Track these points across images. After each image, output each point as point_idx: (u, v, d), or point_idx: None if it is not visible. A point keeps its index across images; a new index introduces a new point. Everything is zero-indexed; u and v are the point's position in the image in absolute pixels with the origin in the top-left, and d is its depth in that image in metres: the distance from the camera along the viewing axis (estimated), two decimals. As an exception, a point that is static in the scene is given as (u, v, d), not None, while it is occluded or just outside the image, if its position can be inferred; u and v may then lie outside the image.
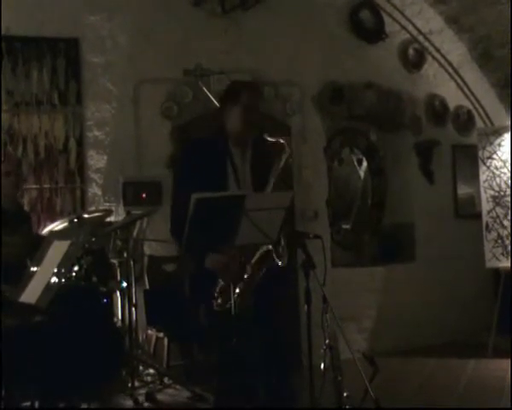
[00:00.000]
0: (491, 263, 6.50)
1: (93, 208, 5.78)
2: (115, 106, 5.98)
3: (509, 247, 6.35)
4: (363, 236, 7.29)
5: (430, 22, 7.20)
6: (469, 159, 7.09)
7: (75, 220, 5.05)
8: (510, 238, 6.36)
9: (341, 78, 6.73)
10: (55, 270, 3.85)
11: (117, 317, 5.41)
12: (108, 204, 5.87)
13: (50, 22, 5.77)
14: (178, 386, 5.35)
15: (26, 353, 4.09)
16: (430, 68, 7.28)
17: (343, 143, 7.23)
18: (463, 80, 7.41)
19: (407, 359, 6.38)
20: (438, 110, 7.27)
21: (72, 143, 5.83)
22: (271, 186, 3.61)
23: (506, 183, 6.43)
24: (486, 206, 6.53)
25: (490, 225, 6.49)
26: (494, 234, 6.47)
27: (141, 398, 5.05)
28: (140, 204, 5.81)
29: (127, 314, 5.22)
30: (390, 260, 7.08)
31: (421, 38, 7.19)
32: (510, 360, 5.65)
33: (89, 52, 5.91)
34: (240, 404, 3.63)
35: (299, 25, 6.57)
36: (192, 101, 6.14)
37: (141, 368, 5.56)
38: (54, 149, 5.77)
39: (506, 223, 6.40)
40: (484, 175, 6.57)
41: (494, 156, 6.54)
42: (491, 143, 6.57)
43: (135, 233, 5.65)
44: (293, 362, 4.18)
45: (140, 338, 5.79)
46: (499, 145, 6.53)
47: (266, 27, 6.43)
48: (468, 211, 7.26)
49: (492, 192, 6.52)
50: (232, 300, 3.46)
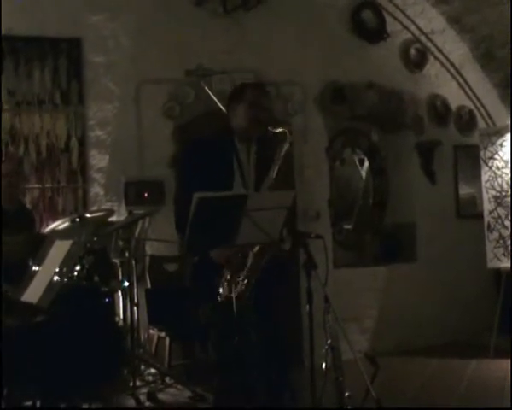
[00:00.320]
0: (492, 263, 6.49)
1: (95, 208, 5.78)
2: (117, 106, 5.98)
3: (511, 247, 6.34)
4: (364, 236, 7.29)
5: (432, 22, 7.19)
6: (471, 159, 7.10)
7: (77, 220, 5.05)
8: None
9: (343, 78, 6.73)
10: (57, 269, 3.85)
11: (118, 316, 5.40)
12: (110, 204, 5.87)
13: (52, 22, 5.77)
14: (180, 386, 5.35)
15: (28, 352, 4.09)
16: (432, 68, 7.27)
17: (345, 143, 7.22)
18: (465, 80, 7.40)
19: (408, 359, 6.38)
20: (439, 110, 7.26)
21: (74, 143, 5.83)
22: (274, 173, 3.63)
23: (508, 183, 6.42)
24: (488, 206, 6.53)
25: (491, 226, 6.49)
26: (496, 234, 6.46)
27: (142, 398, 5.06)
28: (142, 204, 5.81)
29: (129, 314, 5.21)
30: (391, 260, 7.07)
31: (423, 38, 7.17)
32: (511, 361, 5.64)
33: (91, 52, 5.91)
34: (240, 404, 3.64)
35: (300, 25, 6.56)
36: (194, 101, 6.14)
37: (142, 368, 5.56)
38: (56, 149, 5.77)
39: (507, 223, 6.39)
40: (486, 175, 6.56)
41: (496, 156, 6.53)
42: (492, 144, 6.56)
43: (137, 233, 5.65)
44: (293, 358, 4.19)
45: (141, 338, 5.80)
46: (501, 145, 6.52)
47: (268, 27, 6.43)
48: (470, 211, 7.25)
49: (494, 192, 6.51)
50: (233, 293, 3.49)
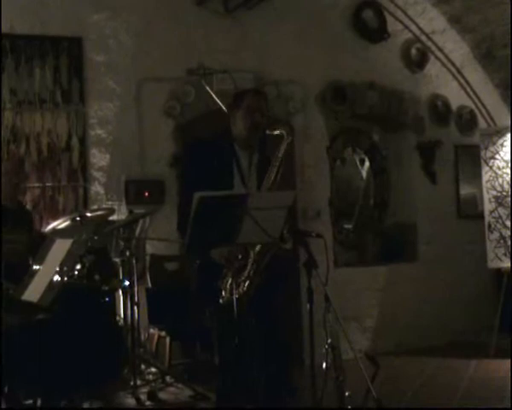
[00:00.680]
0: (493, 263, 6.49)
1: (95, 207, 5.78)
2: (118, 104, 5.98)
3: (511, 247, 6.34)
4: (365, 235, 7.29)
5: (433, 22, 7.19)
6: (472, 159, 7.09)
7: (78, 219, 5.05)
8: (512, 239, 6.37)
9: (344, 77, 6.73)
10: (58, 268, 3.86)
11: (119, 315, 5.41)
12: (111, 203, 5.87)
13: (53, 21, 5.77)
14: (180, 385, 5.35)
15: (28, 351, 4.09)
16: (433, 68, 7.26)
17: (345, 143, 7.21)
18: (466, 80, 7.39)
19: (409, 358, 6.38)
20: (440, 110, 7.26)
21: (74, 142, 5.83)
22: (273, 175, 3.66)
23: (508, 183, 6.42)
24: (489, 206, 6.53)
25: (492, 226, 6.48)
26: (496, 234, 6.46)
27: (143, 397, 5.05)
28: (142, 203, 5.82)
29: (129, 313, 5.21)
30: (392, 259, 7.07)
31: (423, 38, 7.17)
32: (511, 361, 5.64)
33: (92, 51, 5.91)
34: (240, 403, 3.64)
35: (301, 24, 6.57)
36: (195, 100, 6.14)
37: (143, 367, 5.56)
38: (56, 148, 5.77)
39: (508, 223, 6.39)
40: (486, 175, 6.56)
41: (496, 156, 6.53)
42: (493, 144, 6.56)
43: (137, 232, 5.64)
44: (293, 357, 4.20)
45: (142, 337, 5.80)
46: (502, 145, 6.52)
47: (269, 27, 6.43)
48: (471, 211, 7.25)
49: (495, 192, 6.51)
50: (235, 293, 3.50)
